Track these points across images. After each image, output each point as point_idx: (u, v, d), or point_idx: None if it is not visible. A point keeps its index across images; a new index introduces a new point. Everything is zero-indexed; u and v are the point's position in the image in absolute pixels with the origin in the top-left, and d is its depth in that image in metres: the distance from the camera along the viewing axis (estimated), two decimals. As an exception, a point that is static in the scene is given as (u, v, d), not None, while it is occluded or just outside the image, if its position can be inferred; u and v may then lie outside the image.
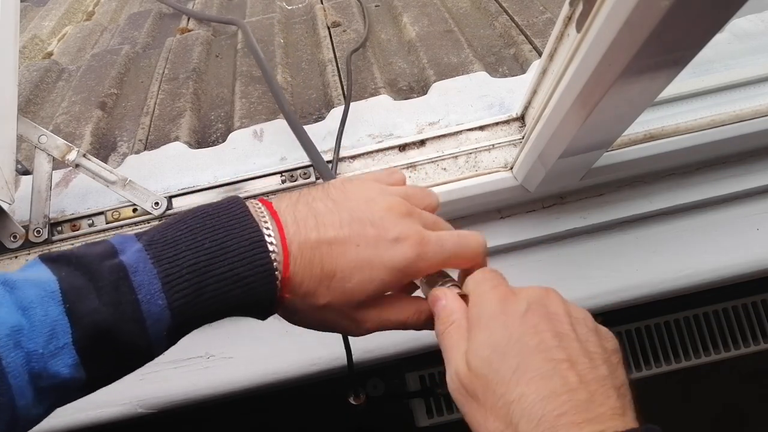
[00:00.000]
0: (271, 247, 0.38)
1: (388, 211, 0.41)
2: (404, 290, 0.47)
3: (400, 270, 0.40)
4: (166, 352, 0.39)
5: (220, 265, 0.36)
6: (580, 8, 0.42)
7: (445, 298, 0.42)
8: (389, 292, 0.43)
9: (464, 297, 0.42)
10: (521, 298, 0.39)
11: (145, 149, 0.80)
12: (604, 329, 0.39)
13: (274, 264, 0.37)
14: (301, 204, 0.41)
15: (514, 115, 0.69)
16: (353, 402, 0.66)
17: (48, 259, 0.36)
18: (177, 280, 0.35)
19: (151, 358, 0.37)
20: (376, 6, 1.11)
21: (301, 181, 0.67)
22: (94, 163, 0.67)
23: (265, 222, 0.39)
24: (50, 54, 1.25)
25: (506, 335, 0.36)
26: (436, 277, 0.44)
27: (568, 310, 0.38)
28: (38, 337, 0.33)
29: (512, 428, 0.33)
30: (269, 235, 0.38)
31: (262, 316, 0.41)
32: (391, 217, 0.41)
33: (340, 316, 0.42)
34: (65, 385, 0.34)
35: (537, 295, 0.39)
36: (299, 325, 0.44)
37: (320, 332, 0.44)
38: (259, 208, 0.40)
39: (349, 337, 0.63)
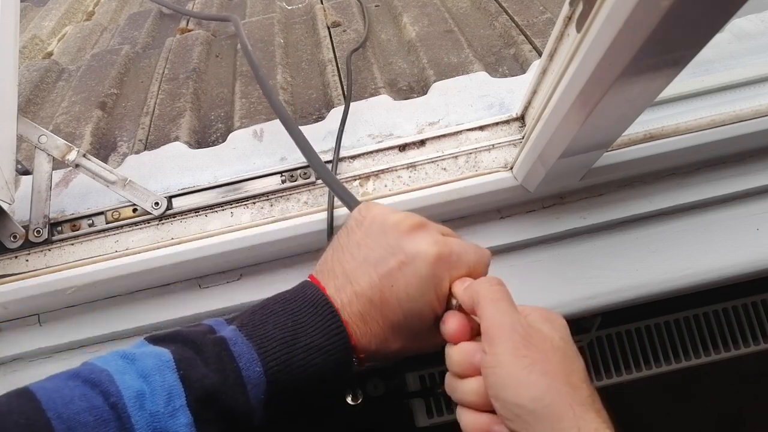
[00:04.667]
0: (338, 320, 0.44)
1: (400, 231, 0.45)
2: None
3: (432, 277, 0.44)
4: None
5: (303, 338, 0.42)
6: (580, 8, 0.42)
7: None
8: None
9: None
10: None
11: (145, 149, 0.80)
12: None
13: (344, 334, 0.44)
14: (336, 265, 0.47)
15: (514, 115, 0.69)
16: (351, 402, 0.66)
17: (155, 339, 0.43)
18: (269, 351, 0.41)
19: (251, 423, 0.42)
20: (376, 6, 1.11)
21: (301, 181, 0.67)
22: (94, 163, 0.67)
23: (330, 305, 0.45)
24: (50, 54, 1.25)
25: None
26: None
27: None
28: (159, 400, 0.38)
29: None
30: (336, 311, 0.44)
31: (349, 376, 0.46)
32: (404, 236, 0.45)
33: (416, 348, 0.47)
34: None
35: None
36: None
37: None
38: (318, 290, 0.46)
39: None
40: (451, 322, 0.44)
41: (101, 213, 0.67)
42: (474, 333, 0.44)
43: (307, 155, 0.63)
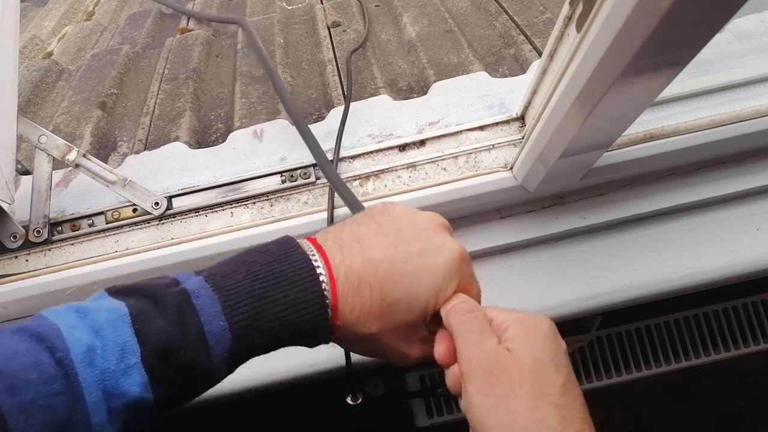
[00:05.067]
0: (321, 277, 0.40)
1: (432, 225, 0.44)
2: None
3: (446, 273, 0.42)
4: None
5: (275, 292, 0.39)
6: (580, 8, 0.42)
7: None
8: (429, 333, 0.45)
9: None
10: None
11: (145, 149, 0.80)
12: None
13: (325, 292, 0.40)
14: (346, 231, 0.43)
15: (514, 115, 0.69)
16: (350, 402, 0.66)
17: (114, 291, 0.39)
18: (236, 305, 0.38)
19: (212, 383, 0.39)
20: (376, 6, 1.11)
21: (301, 181, 0.67)
22: (94, 163, 0.67)
23: (313, 255, 0.41)
24: (50, 54, 1.25)
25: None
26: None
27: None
28: (110, 356, 0.35)
29: None
30: (318, 267, 0.40)
31: (318, 343, 0.42)
32: (435, 230, 0.44)
33: (388, 346, 0.44)
34: (135, 406, 0.36)
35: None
36: (357, 354, 0.48)
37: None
38: (307, 244, 0.42)
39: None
40: (440, 345, 0.43)
41: (101, 213, 0.67)
42: None
43: (314, 153, 0.64)
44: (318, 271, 0.40)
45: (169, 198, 0.67)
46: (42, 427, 0.32)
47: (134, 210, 0.67)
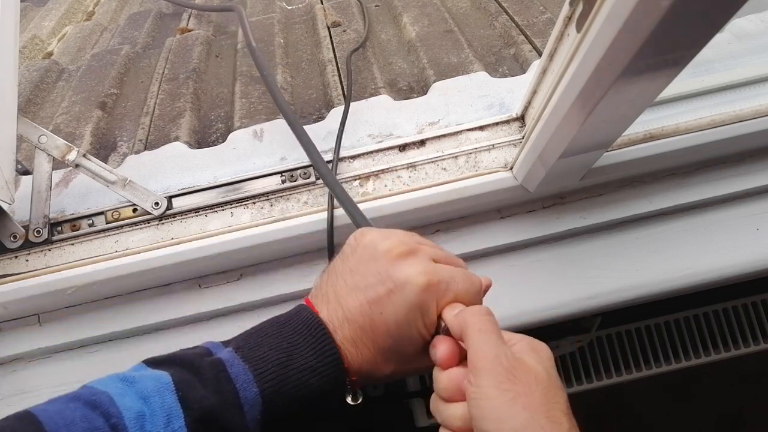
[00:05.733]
0: (333, 345, 0.45)
1: (389, 259, 0.46)
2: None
3: (420, 305, 0.45)
4: None
5: (297, 359, 0.43)
6: (580, 8, 0.42)
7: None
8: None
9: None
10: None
11: (145, 149, 0.80)
12: None
13: (338, 357, 0.45)
14: (330, 295, 0.48)
15: (514, 115, 0.69)
16: (350, 402, 0.66)
17: (153, 363, 0.43)
18: (265, 373, 0.42)
19: None
20: (376, 6, 1.11)
21: (301, 181, 0.67)
22: (94, 163, 0.67)
23: (324, 326, 0.46)
24: (50, 54, 1.25)
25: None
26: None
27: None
28: (159, 421, 0.38)
29: None
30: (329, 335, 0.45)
31: (340, 401, 0.46)
32: (394, 264, 0.46)
33: (405, 373, 0.48)
34: None
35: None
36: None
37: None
38: (315, 317, 0.47)
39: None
40: (441, 348, 0.44)
41: (101, 213, 0.67)
42: (462, 358, 0.44)
43: (309, 154, 0.64)
44: (329, 338, 0.45)
45: (169, 198, 0.67)
46: None
47: (134, 210, 0.67)
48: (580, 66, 0.42)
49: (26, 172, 0.75)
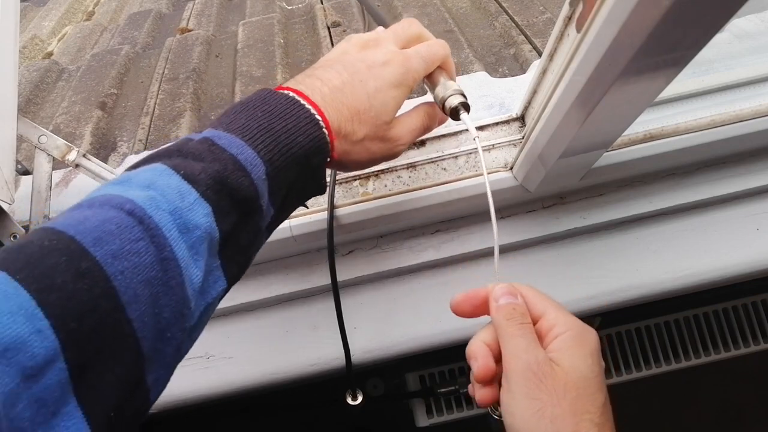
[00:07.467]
0: (307, 106, 0.45)
1: (363, 47, 0.51)
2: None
3: (399, 83, 0.49)
4: None
5: (280, 122, 0.43)
6: (580, 8, 0.42)
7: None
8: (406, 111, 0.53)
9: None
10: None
11: (145, 149, 0.80)
12: None
13: (315, 116, 0.45)
14: (306, 76, 0.48)
15: (514, 115, 0.69)
16: (351, 402, 0.66)
17: (136, 165, 0.40)
18: (254, 136, 0.42)
19: (262, 213, 0.42)
20: (376, 6, 1.11)
21: (301, 181, 0.67)
22: (94, 163, 0.67)
23: (289, 93, 0.46)
24: (50, 54, 1.25)
25: None
26: (436, 75, 0.54)
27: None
28: (172, 198, 0.37)
29: None
30: (300, 100, 0.45)
31: (324, 161, 0.46)
32: (368, 49, 0.50)
33: (378, 143, 0.50)
34: (209, 238, 0.38)
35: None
36: (353, 170, 0.57)
37: (318, 333, 0.44)
38: (277, 91, 0.47)
39: (348, 338, 0.63)
40: (481, 358, 0.44)
41: (101, 213, 0.67)
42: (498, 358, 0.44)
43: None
44: (302, 102, 0.45)
45: (169, 198, 0.67)
46: (134, 270, 0.33)
47: (134, 210, 0.67)
48: (580, 66, 0.42)
49: (26, 172, 0.75)
